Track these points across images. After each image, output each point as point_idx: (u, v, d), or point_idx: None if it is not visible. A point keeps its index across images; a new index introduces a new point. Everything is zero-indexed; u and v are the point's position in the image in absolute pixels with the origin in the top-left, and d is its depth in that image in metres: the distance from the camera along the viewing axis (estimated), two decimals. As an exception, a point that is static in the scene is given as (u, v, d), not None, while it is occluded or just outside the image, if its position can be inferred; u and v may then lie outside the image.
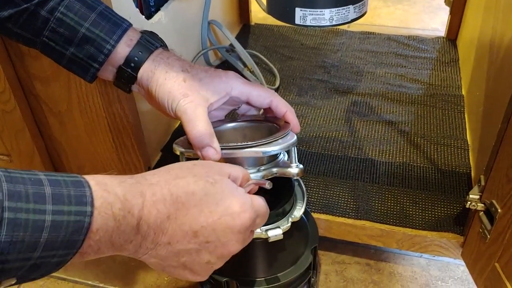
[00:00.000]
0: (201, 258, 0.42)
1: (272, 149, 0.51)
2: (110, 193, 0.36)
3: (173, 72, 0.52)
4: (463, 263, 0.71)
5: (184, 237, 0.40)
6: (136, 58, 0.52)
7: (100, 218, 0.35)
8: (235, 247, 0.44)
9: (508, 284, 0.58)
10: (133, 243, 0.38)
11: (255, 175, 0.53)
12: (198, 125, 0.50)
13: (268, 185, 0.50)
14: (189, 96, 0.51)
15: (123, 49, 0.51)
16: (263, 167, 0.54)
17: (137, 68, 0.52)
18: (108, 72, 0.54)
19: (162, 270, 0.43)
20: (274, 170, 0.54)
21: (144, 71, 0.52)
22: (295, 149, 0.54)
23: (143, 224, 0.38)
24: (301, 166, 0.54)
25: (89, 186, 0.35)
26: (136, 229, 0.38)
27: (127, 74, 0.52)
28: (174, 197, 0.40)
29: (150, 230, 0.39)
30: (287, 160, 0.57)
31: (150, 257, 0.41)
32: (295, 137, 0.54)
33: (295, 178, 0.55)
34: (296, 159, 0.54)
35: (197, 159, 0.52)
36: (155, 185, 0.40)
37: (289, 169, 0.54)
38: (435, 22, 1.51)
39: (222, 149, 0.51)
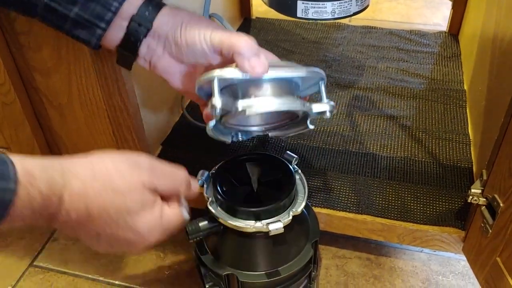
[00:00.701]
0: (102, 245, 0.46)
1: (317, 71, 0.50)
2: (35, 188, 0.38)
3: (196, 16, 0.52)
4: (464, 258, 0.71)
5: (88, 234, 0.44)
6: (150, 8, 0.51)
7: (20, 206, 0.37)
8: (136, 250, 0.48)
9: (509, 279, 0.58)
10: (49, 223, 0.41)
11: (293, 105, 0.50)
12: (243, 35, 0.48)
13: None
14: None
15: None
16: (298, 97, 0.52)
17: (155, 12, 0.51)
18: (116, 32, 0.51)
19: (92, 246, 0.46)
20: (311, 106, 0.51)
21: (163, 16, 0.51)
22: (325, 86, 0.53)
23: (56, 221, 0.41)
24: (332, 102, 0.52)
25: (15, 174, 0.37)
26: (49, 221, 0.41)
27: (141, 24, 0.50)
28: (88, 211, 0.42)
29: (61, 224, 0.42)
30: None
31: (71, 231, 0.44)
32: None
33: (327, 116, 0.52)
34: (327, 96, 0.53)
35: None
36: (76, 193, 0.41)
37: (322, 104, 0.52)
38: (436, 17, 1.50)
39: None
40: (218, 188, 0.58)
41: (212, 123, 0.51)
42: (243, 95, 0.50)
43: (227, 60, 0.50)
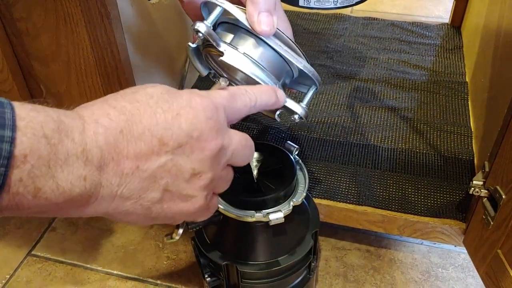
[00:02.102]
0: (184, 170, 0.35)
1: (315, 75, 0.49)
2: (40, 113, 0.29)
3: None
4: (464, 251, 0.71)
5: (151, 150, 0.33)
6: None
7: (27, 140, 0.27)
8: (214, 139, 0.36)
9: (510, 271, 0.57)
10: (89, 181, 0.30)
11: (266, 82, 0.48)
12: None
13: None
14: None
15: None
16: (280, 84, 0.50)
17: None
18: None
19: (149, 216, 0.35)
20: (288, 101, 0.49)
21: None
22: (313, 94, 0.52)
23: (92, 149, 0.30)
24: (306, 110, 0.50)
25: (11, 107, 0.28)
26: (84, 158, 0.30)
27: None
28: (118, 108, 0.32)
29: (105, 155, 0.31)
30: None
31: (124, 200, 0.33)
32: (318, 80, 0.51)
33: (296, 120, 0.50)
34: (308, 103, 0.51)
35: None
36: (91, 105, 0.33)
37: (297, 104, 0.50)
38: (438, 9, 1.49)
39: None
40: (218, 178, 0.58)
41: (193, 44, 0.49)
42: (233, 40, 0.48)
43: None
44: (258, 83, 0.47)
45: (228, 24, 0.49)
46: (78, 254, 0.84)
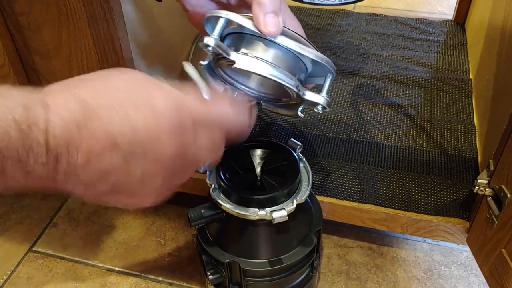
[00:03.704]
0: (133, 173, 0.35)
1: (328, 62, 0.48)
2: (7, 98, 0.30)
3: None
4: (467, 249, 0.71)
5: (103, 149, 0.33)
6: None
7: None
8: (169, 149, 0.36)
9: (515, 270, 0.57)
10: (47, 167, 0.32)
11: (285, 80, 0.47)
12: None
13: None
14: None
15: None
16: (296, 79, 0.49)
17: None
18: None
19: (97, 201, 0.37)
20: (305, 91, 0.50)
21: None
22: (331, 81, 0.51)
23: (51, 139, 0.31)
24: (328, 99, 0.50)
25: None
26: (45, 147, 0.31)
27: None
28: (79, 100, 0.33)
29: (60, 146, 0.32)
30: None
31: (75, 185, 0.35)
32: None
33: (320, 111, 0.50)
34: (328, 91, 0.50)
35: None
36: (57, 91, 0.33)
37: (317, 95, 0.50)
38: (442, 6, 1.48)
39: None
40: (221, 175, 0.57)
41: (205, 61, 0.49)
42: (244, 48, 0.47)
43: (246, 4, 0.47)
44: (274, 82, 0.47)
45: (234, 34, 0.48)
46: (79, 250, 0.84)
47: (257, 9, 0.44)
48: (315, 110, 0.50)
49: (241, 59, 0.46)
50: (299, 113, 0.53)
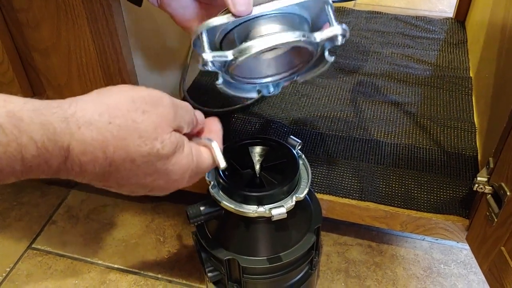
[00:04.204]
0: (140, 181, 0.40)
1: None
2: (23, 134, 0.30)
3: None
4: (466, 247, 0.71)
5: (108, 186, 0.40)
6: None
7: (5, 159, 0.30)
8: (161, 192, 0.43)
9: (514, 268, 0.57)
10: (53, 171, 0.34)
11: (285, 38, 0.44)
12: None
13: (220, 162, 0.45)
14: None
15: None
16: (309, 31, 0.46)
17: None
18: None
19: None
20: (314, 35, 0.45)
21: None
22: (332, 9, 0.46)
23: (63, 170, 0.34)
24: (344, 25, 0.45)
25: None
26: (56, 170, 0.34)
27: None
28: (108, 161, 0.35)
29: (72, 173, 0.35)
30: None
31: (78, 178, 0.38)
32: None
33: (341, 40, 0.46)
34: (336, 19, 0.46)
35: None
36: (88, 141, 0.34)
37: (330, 29, 0.45)
38: (442, 4, 1.48)
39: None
40: (220, 172, 0.57)
41: (219, 80, 0.48)
42: (240, 42, 0.46)
43: None
44: (283, 50, 0.46)
45: (225, 38, 0.47)
46: (79, 247, 0.84)
47: None
48: (338, 43, 0.46)
49: (239, 52, 0.44)
50: (327, 57, 0.49)
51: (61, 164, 0.33)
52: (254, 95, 0.54)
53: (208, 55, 0.44)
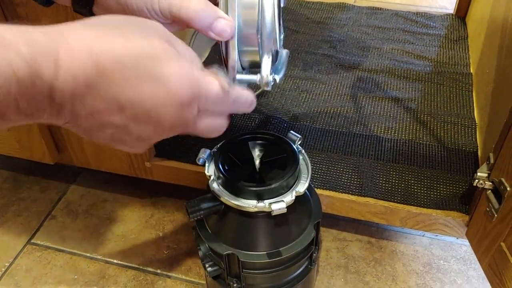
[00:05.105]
0: (131, 133, 0.37)
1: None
2: (10, 50, 0.29)
3: None
4: (466, 243, 0.71)
5: (108, 110, 0.34)
6: None
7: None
8: (169, 122, 0.37)
9: (514, 264, 0.57)
10: (48, 112, 0.33)
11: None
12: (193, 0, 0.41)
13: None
14: None
15: None
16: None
17: None
18: None
19: (90, 139, 0.39)
20: (239, 76, 0.45)
21: None
22: (269, 57, 0.45)
23: (57, 93, 0.32)
24: (269, 78, 0.44)
25: None
26: (49, 99, 0.32)
27: None
28: (96, 64, 0.32)
29: (66, 100, 0.32)
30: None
31: (72, 127, 0.36)
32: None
33: (264, 88, 0.45)
34: (268, 69, 0.44)
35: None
36: (74, 45, 0.32)
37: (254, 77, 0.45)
38: (442, 0, 1.48)
39: None
40: (220, 167, 0.57)
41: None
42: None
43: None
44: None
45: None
46: (78, 242, 0.84)
47: (201, 30, 0.43)
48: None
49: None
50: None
51: (52, 76, 0.31)
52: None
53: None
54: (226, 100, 0.41)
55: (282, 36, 0.51)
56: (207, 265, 0.61)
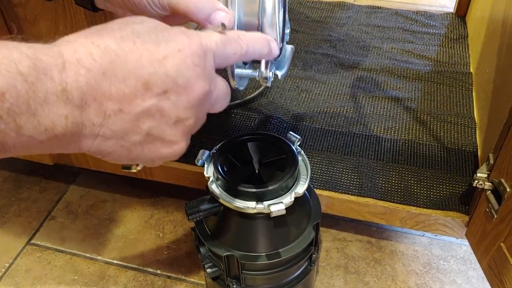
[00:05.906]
0: (168, 116, 0.34)
1: None
2: (12, 50, 0.28)
3: None
4: (466, 243, 0.70)
5: (135, 94, 0.32)
6: None
7: (2, 78, 0.27)
8: (200, 86, 0.35)
9: (514, 265, 0.57)
10: (71, 120, 0.30)
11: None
12: None
13: None
14: None
15: None
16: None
17: None
18: None
19: (129, 157, 0.35)
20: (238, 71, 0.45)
21: None
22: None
23: (73, 89, 0.29)
24: (268, 74, 0.44)
25: None
26: (65, 98, 0.29)
27: None
28: (102, 47, 0.31)
29: (87, 96, 0.30)
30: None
31: (105, 140, 0.33)
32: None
33: (264, 84, 0.45)
34: (266, 66, 0.44)
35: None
36: (74, 41, 0.31)
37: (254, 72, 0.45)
38: (443, -2, 1.47)
39: None
40: (219, 168, 0.57)
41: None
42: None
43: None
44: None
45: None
46: (78, 243, 0.84)
47: (204, 25, 0.42)
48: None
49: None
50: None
51: (62, 77, 0.29)
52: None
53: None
54: (239, 42, 0.39)
55: (288, 31, 0.50)
56: (206, 266, 0.61)
